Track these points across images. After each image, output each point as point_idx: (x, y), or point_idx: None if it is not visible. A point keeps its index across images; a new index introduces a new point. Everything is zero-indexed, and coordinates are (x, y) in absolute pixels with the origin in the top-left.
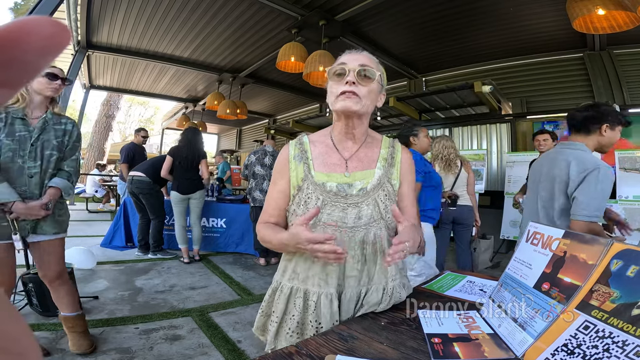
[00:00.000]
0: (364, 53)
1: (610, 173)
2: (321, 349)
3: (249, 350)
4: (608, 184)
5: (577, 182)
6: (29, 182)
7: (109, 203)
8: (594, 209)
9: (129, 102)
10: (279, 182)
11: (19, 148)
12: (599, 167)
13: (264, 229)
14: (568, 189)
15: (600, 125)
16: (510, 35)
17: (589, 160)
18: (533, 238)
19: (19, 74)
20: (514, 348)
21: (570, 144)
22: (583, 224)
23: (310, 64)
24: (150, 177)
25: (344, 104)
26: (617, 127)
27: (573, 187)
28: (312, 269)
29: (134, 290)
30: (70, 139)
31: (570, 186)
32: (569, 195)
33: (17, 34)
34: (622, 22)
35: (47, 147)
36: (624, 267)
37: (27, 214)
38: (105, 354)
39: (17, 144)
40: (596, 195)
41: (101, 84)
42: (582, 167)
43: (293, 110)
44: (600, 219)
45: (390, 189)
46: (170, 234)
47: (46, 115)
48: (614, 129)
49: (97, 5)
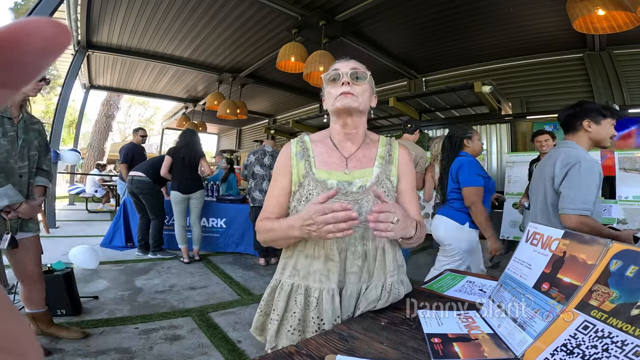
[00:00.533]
0: (352, 60)
1: (595, 166)
2: (321, 349)
3: (249, 350)
4: (592, 177)
5: (561, 177)
6: (20, 182)
7: (109, 203)
8: (580, 202)
9: (129, 102)
10: (280, 179)
11: (11, 148)
12: (580, 161)
13: (265, 221)
14: (555, 185)
15: (581, 122)
16: (510, 35)
17: (572, 155)
18: (532, 238)
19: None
20: (514, 348)
21: (562, 143)
22: (573, 217)
23: (311, 64)
24: (150, 177)
25: (344, 102)
26: (602, 120)
27: (558, 183)
28: (313, 265)
29: (134, 290)
30: (43, 140)
31: (556, 182)
32: (556, 192)
33: (17, 35)
34: (622, 22)
35: (31, 148)
36: (623, 267)
37: (30, 213)
38: (105, 354)
39: (10, 145)
40: (580, 188)
41: (101, 84)
42: (565, 161)
43: (293, 111)
44: (590, 212)
45: (389, 185)
46: (170, 234)
47: (23, 115)
48: (600, 123)
49: (97, 5)
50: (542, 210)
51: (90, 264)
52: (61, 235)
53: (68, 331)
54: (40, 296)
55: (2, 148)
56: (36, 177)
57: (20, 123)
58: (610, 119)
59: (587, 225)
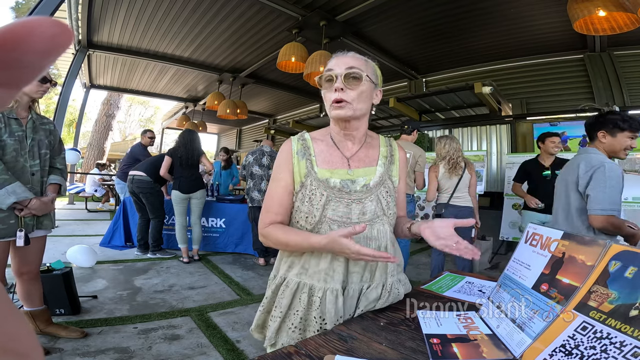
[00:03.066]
0: (350, 54)
1: (617, 168)
2: (320, 349)
3: (248, 350)
4: (616, 179)
5: (586, 179)
6: (32, 180)
7: (109, 202)
8: (607, 203)
9: (129, 101)
10: (282, 177)
11: (20, 147)
12: (604, 164)
13: (276, 229)
14: (579, 187)
15: (596, 132)
16: (510, 36)
17: (595, 159)
18: (532, 239)
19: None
20: (512, 349)
21: (583, 150)
22: (601, 218)
23: (311, 64)
24: (151, 176)
25: (336, 113)
26: (618, 133)
27: (583, 185)
28: (320, 264)
29: (133, 290)
30: (55, 139)
31: (581, 184)
32: (582, 194)
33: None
34: (622, 23)
35: (41, 147)
36: (622, 268)
37: (42, 209)
38: (104, 354)
39: (18, 144)
40: (605, 189)
41: (101, 83)
42: (588, 165)
43: (293, 111)
44: (617, 212)
45: (390, 185)
46: (169, 233)
47: (32, 115)
48: (615, 135)
49: (98, 4)
50: (565, 215)
51: (88, 263)
52: (61, 235)
53: (67, 330)
54: (39, 293)
55: (10, 147)
56: (50, 176)
57: (29, 123)
58: (629, 132)
59: (612, 224)
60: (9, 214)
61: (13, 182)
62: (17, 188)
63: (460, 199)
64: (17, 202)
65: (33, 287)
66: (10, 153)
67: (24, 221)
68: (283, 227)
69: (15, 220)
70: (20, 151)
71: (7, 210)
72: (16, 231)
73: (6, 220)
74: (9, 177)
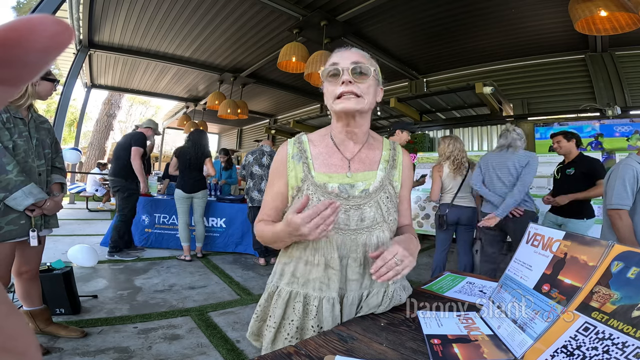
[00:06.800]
0: (353, 50)
1: (630, 168)
2: (320, 349)
3: (248, 350)
4: (625, 176)
5: (605, 181)
6: (40, 180)
7: (109, 202)
8: (614, 197)
9: (130, 101)
10: (276, 183)
11: (28, 148)
12: (619, 165)
13: (260, 224)
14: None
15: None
16: (511, 36)
17: (618, 163)
18: (533, 239)
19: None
20: (514, 349)
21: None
22: (611, 212)
23: (312, 64)
24: (117, 175)
25: (344, 105)
26: None
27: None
28: (313, 273)
29: (133, 290)
30: (53, 138)
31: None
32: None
33: (20, 32)
34: (624, 23)
35: (44, 146)
36: (624, 269)
37: (55, 209)
38: (104, 353)
39: (26, 144)
40: (613, 186)
41: (102, 83)
42: (611, 170)
43: (294, 110)
44: (626, 207)
45: (392, 191)
46: (169, 233)
47: (32, 115)
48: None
49: (99, 4)
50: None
51: (89, 262)
52: (61, 234)
53: (67, 330)
54: (38, 293)
55: (20, 148)
56: (52, 175)
57: (31, 123)
58: None
59: (620, 217)
60: (19, 215)
61: (28, 184)
62: (33, 189)
63: (464, 200)
64: (34, 203)
65: (32, 287)
66: (20, 154)
67: (34, 221)
68: (266, 222)
69: (26, 220)
70: (28, 152)
71: (18, 211)
72: (28, 231)
73: (17, 221)
74: (25, 179)
